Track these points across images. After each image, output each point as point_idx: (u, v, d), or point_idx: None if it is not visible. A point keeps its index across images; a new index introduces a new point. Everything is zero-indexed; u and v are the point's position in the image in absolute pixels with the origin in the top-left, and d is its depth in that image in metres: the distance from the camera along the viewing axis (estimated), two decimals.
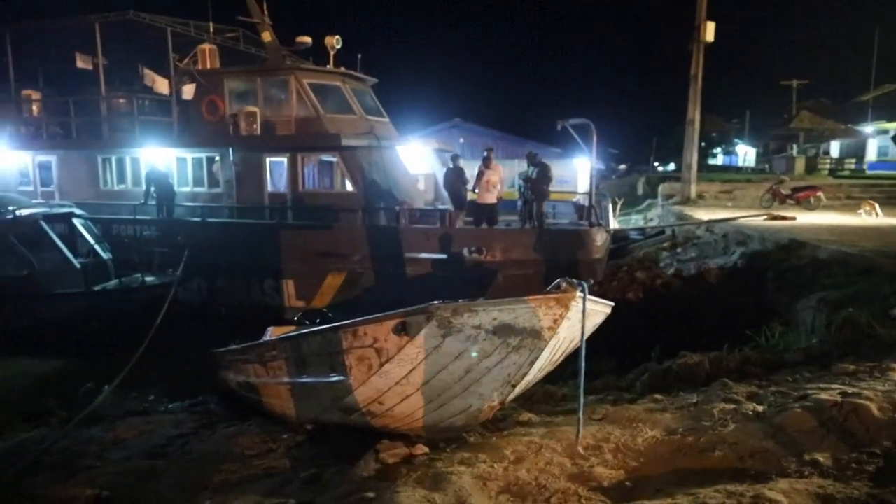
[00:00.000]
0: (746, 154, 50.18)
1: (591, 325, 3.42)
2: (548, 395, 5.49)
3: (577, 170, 22.05)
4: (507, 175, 14.59)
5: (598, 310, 3.48)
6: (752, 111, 50.66)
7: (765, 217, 15.38)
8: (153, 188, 13.29)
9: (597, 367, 6.89)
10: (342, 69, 14.28)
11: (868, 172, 33.77)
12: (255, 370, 5.39)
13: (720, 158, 56.42)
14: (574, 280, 3.07)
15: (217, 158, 13.97)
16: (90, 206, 13.48)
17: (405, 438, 4.17)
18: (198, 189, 14.30)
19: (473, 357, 3.26)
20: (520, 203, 12.37)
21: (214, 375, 7.24)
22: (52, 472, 4.74)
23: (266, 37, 14.15)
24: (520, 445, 3.79)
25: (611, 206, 14.76)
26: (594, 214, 11.44)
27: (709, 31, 19.47)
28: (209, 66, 14.65)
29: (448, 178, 12.19)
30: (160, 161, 14.04)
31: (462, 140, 27.27)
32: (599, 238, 11.27)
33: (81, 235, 12.20)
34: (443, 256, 11.25)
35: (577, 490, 3.19)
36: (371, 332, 3.43)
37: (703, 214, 17.18)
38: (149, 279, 11.20)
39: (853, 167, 36.03)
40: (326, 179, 13.63)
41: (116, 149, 14.91)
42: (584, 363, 3.49)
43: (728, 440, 3.52)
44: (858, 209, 16.52)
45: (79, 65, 15.58)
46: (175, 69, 14.60)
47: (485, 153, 11.85)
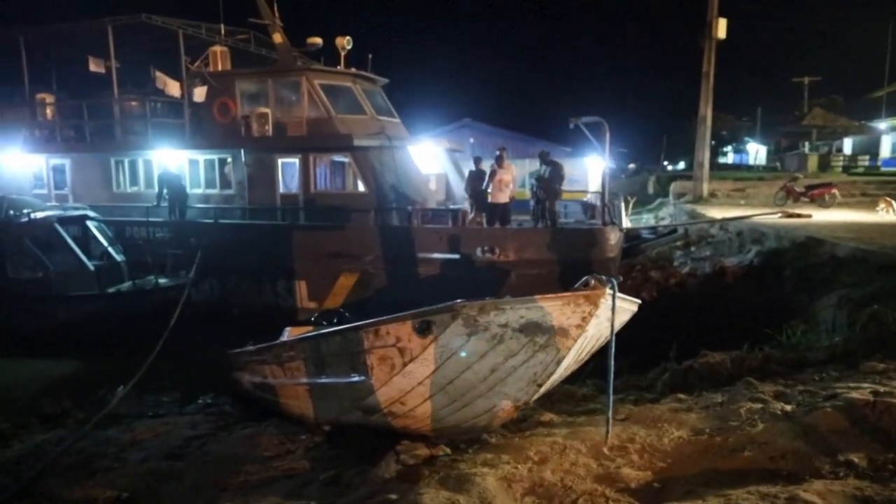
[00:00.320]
0: (758, 152, 49.77)
1: (619, 323, 3.36)
2: (567, 395, 5.43)
3: (588, 169, 21.93)
4: (518, 174, 14.54)
5: (626, 307, 3.41)
6: (763, 109, 50.26)
7: (780, 215, 15.21)
8: (165, 190, 13.34)
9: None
10: (353, 70, 14.26)
11: (883, 169, 33.43)
12: (272, 371, 5.36)
13: (730, 157, 56.03)
14: (603, 276, 3.00)
15: (229, 160, 13.98)
16: (103, 209, 13.53)
17: (425, 439, 4.12)
18: (210, 191, 14.32)
19: (499, 356, 3.20)
20: (532, 202, 12.32)
21: (228, 376, 7.23)
22: (72, 473, 4.74)
23: (277, 38, 14.14)
24: (543, 446, 3.74)
25: (623, 205, 14.66)
26: (608, 213, 11.35)
27: (721, 28, 19.29)
28: (221, 68, 14.69)
29: (471, 180, 12.16)
30: (172, 163, 14.08)
31: (472, 140, 27.22)
32: (613, 237, 11.18)
33: (95, 238, 12.27)
34: (455, 256, 11.19)
35: (605, 491, 3.14)
36: (394, 332, 3.39)
37: (716, 213, 17.03)
38: (162, 281, 11.23)
39: (867, 164, 35.70)
40: (338, 180, 13.60)
41: (129, 151, 14.97)
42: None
43: (757, 440, 3.45)
44: (875, 206, 16.32)
45: (91, 68, 15.63)
46: (187, 71, 14.63)
47: (497, 152, 11.81)
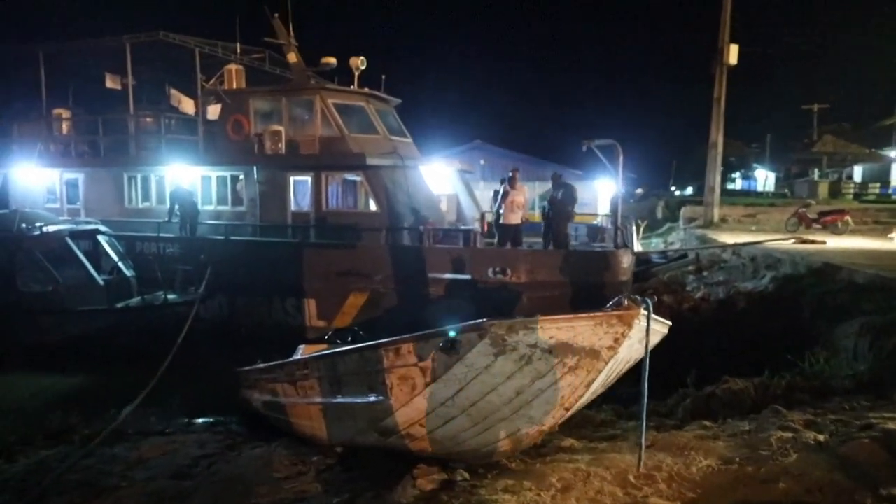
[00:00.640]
0: (767, 178, 49.66)
1: (650, 345, 3.24)
2: (585, 420, 5.29)
3: (598, 192, 21.90)
4: (528, 197, 14.48)
5: (658, 329, 3.29)
6: (772, 135, 50.26)
7: (793, 241, 15.06)
8: (177, 206, 13.36)
9: (628, 392, 6.67)
10: (366, 90, 14.34)
11: (894, 197, 33.26)
12: (284, 389, 5.24)
13: (738, 183, 55.95)
14: (637, 297, 2.90)
15: (241, 177, 14.02)
16: (115, 224, 13.56)
17: (442, 463, 3.99)
18: (222, 207, 14.34)
19: (525, 378, 3.08)
20: (544, 225, 12.24)
21: (237, 394, 7.11)
22: (77, 492, 4.62)
23: (291, 58, 14.27)
24: (566, 473, 3.61)
25: (634, 228, 14.56)
26: (620, 236, 11.26)
27: (732, 54, 19.35)
28: (235, 86, 14.80)
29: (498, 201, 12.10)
30: (185, 179, 14.13)
31: (483, 161, 27.30)
32: (626, 260, 11.08)
33: (106, 253, 12.26)
34: (467, 277, 11.11)
35: None
36: (416, 350, 3.27)
37: (728, 238, 16.87)
38: (171, 297, 11.17)
39: (878, 192, 35.49)
40: (350, 199, 13.59)
41: (142, 167, 15.05)
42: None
43: (791, 471, 3.32)
44: (889, 234, 16.17)
45: (108, 84, 15.81)
46: (202, 89, 14.75)
47: (510, 173, 11.77)
